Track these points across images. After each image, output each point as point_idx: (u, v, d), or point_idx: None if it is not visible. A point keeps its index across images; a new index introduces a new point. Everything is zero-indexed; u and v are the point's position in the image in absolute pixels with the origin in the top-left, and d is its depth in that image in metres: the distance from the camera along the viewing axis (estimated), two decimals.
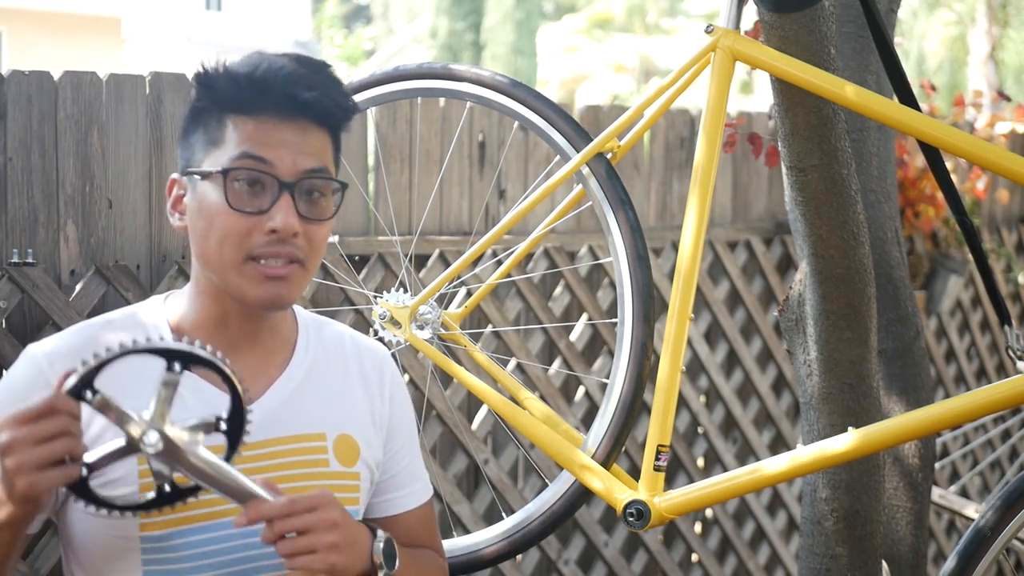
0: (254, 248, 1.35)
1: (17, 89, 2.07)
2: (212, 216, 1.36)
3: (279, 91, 1.35)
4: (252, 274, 1.36)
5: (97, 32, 19.91)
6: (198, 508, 1.36)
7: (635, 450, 3.12)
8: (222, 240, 1.35)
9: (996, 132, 4.11)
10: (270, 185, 1.35)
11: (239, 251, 1.35)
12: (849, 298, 1.86)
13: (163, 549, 1.34)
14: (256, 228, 1.35)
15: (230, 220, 1.35)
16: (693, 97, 3.28)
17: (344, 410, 1.50)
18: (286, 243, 1.36)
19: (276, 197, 1.35)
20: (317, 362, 1.50)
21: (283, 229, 1.34)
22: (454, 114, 2.78)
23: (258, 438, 1.40)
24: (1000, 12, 14.00)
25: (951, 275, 3.90)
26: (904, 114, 1.66)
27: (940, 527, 3.99)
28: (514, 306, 2.90)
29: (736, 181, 3.50)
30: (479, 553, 1.88)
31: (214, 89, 1.37)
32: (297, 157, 1.37)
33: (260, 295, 1.37)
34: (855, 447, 1.61)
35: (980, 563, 1.66)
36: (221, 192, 1.35)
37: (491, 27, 21.45)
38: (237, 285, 1.37)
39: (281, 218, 1.34)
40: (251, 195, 1.35)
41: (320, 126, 1.39)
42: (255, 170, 1.35)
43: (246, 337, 1.43)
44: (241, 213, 1.34)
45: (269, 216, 1.35)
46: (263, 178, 1.35)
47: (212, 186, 1.36)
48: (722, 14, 1.78)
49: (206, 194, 1.36)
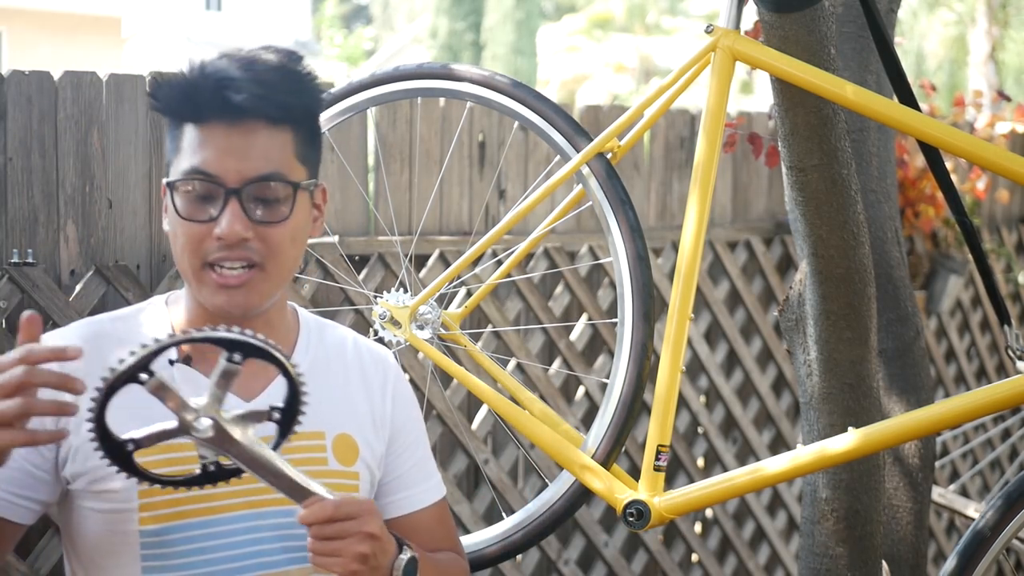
0: (207, 255, 1.38)
1: (17, 89, 2.07)
2: (174, 225, 1.40)
3: (210, 96, 1.36)
4: (209, 282, 1.39)
5: (97, 32, 19.90)
6: (196, 503, 1.37)
7: (635, 450, 3.12)
8: (183, 248, 1.39)
9: (996, 132, 4.11)
10: (216, 193, 1.37)
11: (196, 258, 1.38)
12: (849, 298, 1.86)
13: (161, 544, 1.35)
14: (207, 235, 1.37)
15: (184, 228, 1.38)
16: (693, 97, 3.28)
17: (343, 410, 1.50)
18: (238, 248, 1.38)
19: (224, 204, 1.37)
20: (317, 362, 1.51)
21: (228, 235, 1.36)
22: (454, 114, 2.78)
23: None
24: (1000, 12, 14.00)
25: (951, 275, 3.90)
26: (904, 114, 1.66)
27: (940, 527, 3.99)
28: (514, 306, 2.90)
29: (736, 181, 3.50)
30: (480, 553, 1.88)
31: (158, 99, 1.40)
32: (242, 164, 1.37)
33: (218, 303, 1.40)
34: (855, 447, 1.61)
35: (980, 563, 1.67)
36: (176, 202, 1.38)
37: (491, 27, 21.43)
38: (197, 291, 1.41)
39: (226, 223, 1.36)
40: (200, 204, 1.38)
41: (273, 125, 1.39)
42: (199, 179, 1.37)
43: None
44: (193, 222, 1.37)
45: (217, 223, 1.37)
46: (210, 187, 1.37)
47: (175, 195, 1.39)
48: (722, 14, 1.78)
49: (170, 203, 1.40)
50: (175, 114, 1.40)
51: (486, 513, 2.86)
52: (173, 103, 1.39)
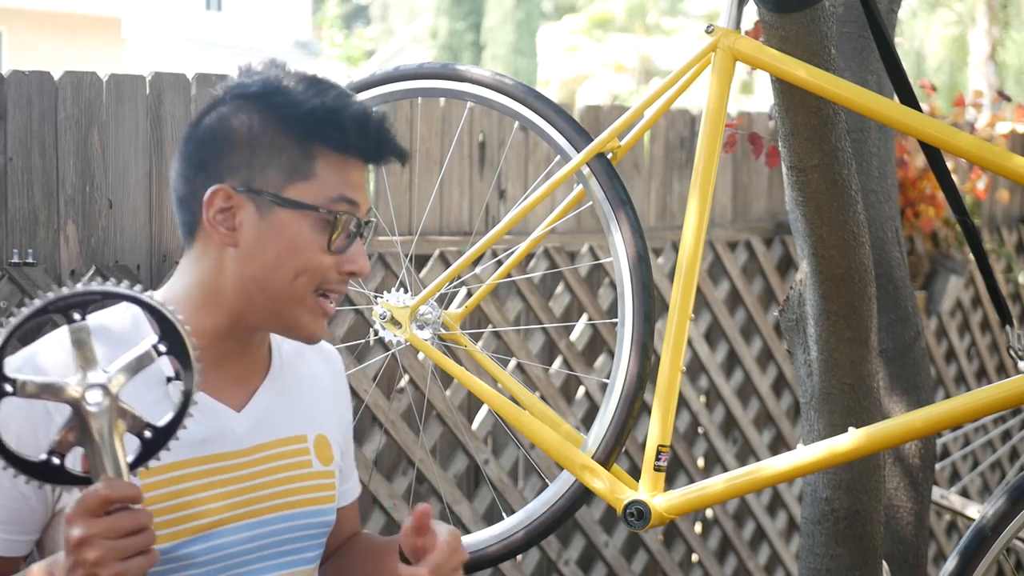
0: (325, 284, 1.38)
1: (17, 89, 2.06)
2: (298, 249, 1.35)
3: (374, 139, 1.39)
4: (316, 308, 1.38)
5: (97, 32, 19.89)
6: (194, 520, 1.36)
7: (635, 450, 3.12)
8: (300, 273, 1.36)
9: (996, 132, 4.11)
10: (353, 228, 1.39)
11: (311, 284, 1.37)
12: (849, 298, 1.86)
13: (166, 561, 1.34)
14: (333, 267, 1.38)
15: (317, 258, 1.36)
16: (693, 97, 3.28)
17: (316, 410, 1.52)
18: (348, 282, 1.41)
19: (353, 239, 1.39)
20: (288, 366, 1.51)
21: (362, 272, 1.39)
22: (454, 114, 2.78)
23: (248, 444, 1.41)
24: (1000, 12, 14.01)
25: (951, 275, 3.90)
26: (904, 114, 1.66)
27: (940, 527, 3.99)
28: (514, 306, 2.90)
29: (736, 181, 3.50)
30: (480, 553, 1.88)
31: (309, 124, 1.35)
32: (366, 198, 1.41)
33: (315, 330, 1.40)
34: (856, 447, 1.61)
35: (981, 563, 1.66)
36: (318, 231, 1.36)
37: (491, 27, 21.43)
38: (295, 316, 1.38)
39: (364, 263, 1.39)
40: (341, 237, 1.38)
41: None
42: (352, 215, 1.38)
43: (238, 348, 1.43)
44: (333, 254, 1.37)
45: (350, 259, 1.38)
46: (355, 223, 1.39)
47: (300, 218, 1.35)
48: (722, 14, 1.78)
49: (291, 224, 1.35)
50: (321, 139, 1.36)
51: (486, 513, 2.86)
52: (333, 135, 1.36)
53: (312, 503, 1.46)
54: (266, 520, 1.41)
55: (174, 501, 1.35)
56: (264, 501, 1.41)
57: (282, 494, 1.43)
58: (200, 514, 1.36)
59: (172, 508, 1.34)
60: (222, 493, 1.38)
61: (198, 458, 1.37)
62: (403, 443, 2.64)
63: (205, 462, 1.37)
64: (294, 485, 1.44)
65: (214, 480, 1.38)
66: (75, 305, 1.14)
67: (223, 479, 1.38)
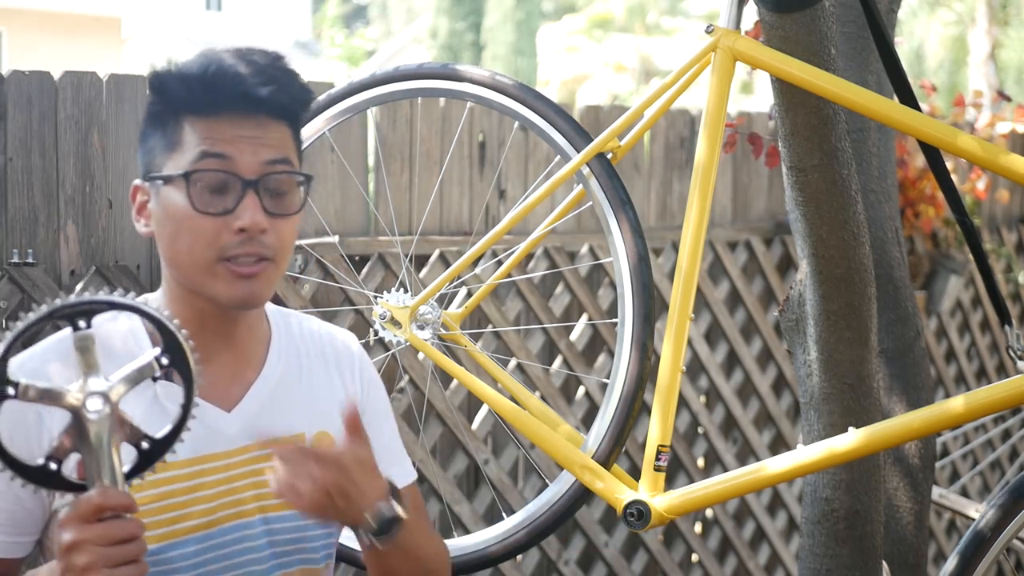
0: (225, 249, 1.34)
1: (17, 89, 2.07)
2: (179, 220, 1.35)
3: (231, 90, 1.34)
4: (223, 274, 1.35)
5: (97, 32, 19.89)
6: (192, 519, 1.36)
7: (635, 450, 3.12)
8: (191, 243, 1.34)
9: (996, 132, 4.11)
10: (233, 184, 1.34)
11: (209, 252, 1.34)
12: (849, 298, 1.86)
13: (157, 563, 1.34)
14: (224, 228, 1.34)
15: (197, 223, 1.34)
16: (693, 97, 3.28)
17: (321, 406, 1.49)
18: (255, 241, 1.35)
19: (241, 196, 1.34)
20: (291, 358, 1.49)
21: (251, 227, 1.34)
22: (454, 114, 2.78)
23: (238, 444, 1.40)
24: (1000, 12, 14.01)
25: (951, 275, 3.90)
26: (904, 114, 1.66)
27: (940, 527, 3.99)
28: (514, 306, 2.90)
29: (736, 181, 3.50)
30: (480, 553, 1.88)
31: (167, 92, 1.36)
32: (258, 151, 1.35)
33: (233, 294, 1.36)
34: (856, 447, 1.61)
35: (981, 563, 1.66)
36: (185, 195, 1.34)
37: (491, 27, 21.42)
38: (210, 286, 1.36)
39: (249, 216, 1.33)
40: (215, 196, 1.34)
41: (278, 119, 1.38)
42: (217, 170, 1.34)
43: (222, 339, 1.42)
44: (207, 215, 1.34)
45: (236, 215, 1.34)
46: (226, 178, 1.34)
47: (175, 190, 1.35)
48: (722, 14, 1.78)
49: (170, 198, 1.35)
50: (182, 107, 1.35)
51: (486, 513, 2.86)
52: (184, 96, 1.35)
53: None
54: (257, 521, 1.40)
55: (164, 502, 1.34)
56: (254, 502, 1.40)
57: (274, 495, 1.41)
58: (190, 515, 1.36)
59: (162, 509, 1.34)
60: (212, 495, 1.37)
61: (187, 460, 1.36)
62: (403, 443, 2.64)
63: (194, 464, 1.37)
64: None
65: (204, 481, 1.37)
66: (81, 313, 1.15)
67: (213, 480, 1.38)
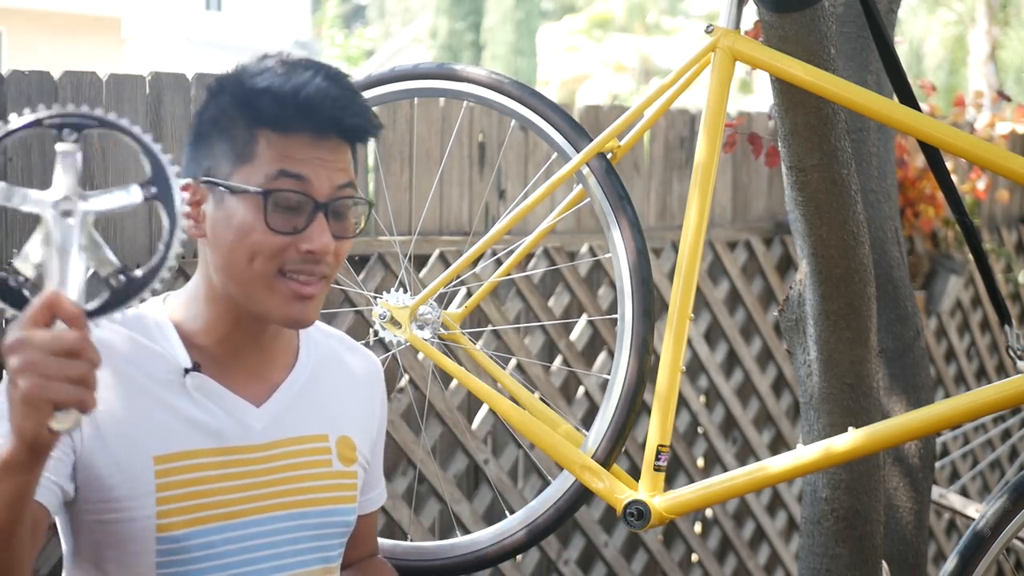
0: (286, 264, 1.35)
1: (17, 89, 2.06)
2: (245, 233, 1.34)
3: (325, 115, 1.35)
4: (282, 290, 1.36)
5: (97, 32, 19.89)
6: (214, 508, 1.37)
7: (635, 450, 3.12)
8: (253, 256, 1.35)
9: (996, 132, 4.11)
10: (306, 206, 1.35)
11: (270, 267, 1.35)
12: (849, 298, 1.86)
13: (179, 551, 1.35)
14: (291, 246, 1.35)
15: (266, 238, 1.34)
16: (693, 97, 3.28)
17: (343, 412, 1.53)
18: (319, 262, 1.36)
19: (311, 217, 1.35)
20: (319, 365, 1.52)
21: (321, 251, 1.35)
22: (453, 114, 2.78)
23: (265, 439, 1.43)
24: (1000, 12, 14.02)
25: (951, 275, 3.89)
26: (904, 114, 1.66)
27: (940, 527, 3.99)
28: (514, 306, 2.90)
29: (736, 181, 3.50)
30: (480, 552, 1.88)
31: (248, 104, 1.35)
32: (332, 175, 1.37)
33: (287, 313, 1.37)
34: (856, 447, 1.61)
35: (980, 563, 1.67)
36: (257, 211, 1.34)
37: (491, 27, 21.44)
38: (263, 300, 1.37)
39: (319, 240, 1.35)
40: (287, 215, 1.35)
41: (348, 143, 1.40)
42: (294, 191, 1.34)
43: (252, 343, 1.44)
44: (277, 233, 1.34)
45: (306, 237, 1.35)
46: (300, 199, 1.35)
47: (245, 203, 1.35)
48: (722, 14, 1.78)
49: (238, 210, 1.35)
50: (263, 122, 1.34)
51: (486, 513, 2.86)
52: (273, 113, 1.34)
53: (329, 502, 1.47)
54: (281, 516, 1.42)
55: (190, 488, 1.36)
56: (279, 497, 1.42)
57: (298, 491, 1.44)
58: (216, 503, 1.37)
59: (188, 495, 1.36)
60: (237, 486, 1.39)
61: (215, 449, 1.38)
62: (403, 443, 2.64)
63: (221, 453, 1.39)
64: (311, 483, 1.45)
65: (230, 472, 1.39)
66: (71, 125, 1.13)
67: (239, 471, 1.40)
